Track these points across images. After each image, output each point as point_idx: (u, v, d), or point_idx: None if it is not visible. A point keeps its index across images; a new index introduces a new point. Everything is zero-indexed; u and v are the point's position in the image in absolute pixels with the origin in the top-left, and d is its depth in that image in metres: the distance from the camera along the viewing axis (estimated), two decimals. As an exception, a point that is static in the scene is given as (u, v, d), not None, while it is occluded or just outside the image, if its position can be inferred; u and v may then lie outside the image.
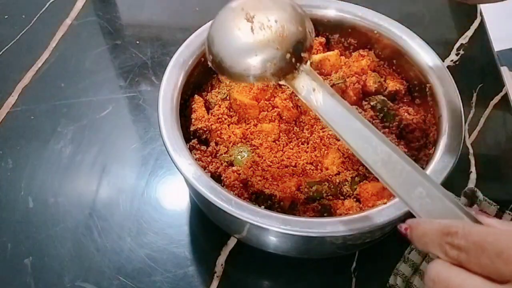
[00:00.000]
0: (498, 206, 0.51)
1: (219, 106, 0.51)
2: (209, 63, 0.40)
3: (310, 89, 0.38)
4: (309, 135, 0.49)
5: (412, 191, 0.32)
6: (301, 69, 0.38)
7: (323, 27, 0.55)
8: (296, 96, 0.50)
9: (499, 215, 0.51)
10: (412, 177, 0.32)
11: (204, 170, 0.45)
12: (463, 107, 0.46)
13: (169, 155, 0.43)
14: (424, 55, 0.50)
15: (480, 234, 0.25)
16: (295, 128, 0.50)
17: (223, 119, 0.50)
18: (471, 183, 0.56)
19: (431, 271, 0.27)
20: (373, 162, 0.34)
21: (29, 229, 0.52)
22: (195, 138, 0.49)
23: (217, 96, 0.52)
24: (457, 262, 0.26)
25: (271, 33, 0.37)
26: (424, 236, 0.28)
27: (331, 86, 0.50)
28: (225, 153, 0.48)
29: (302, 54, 0.38)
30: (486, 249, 0.25)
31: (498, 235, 0.25)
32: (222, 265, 0.50)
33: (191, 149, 0.47)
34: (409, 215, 0.40)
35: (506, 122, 0.63)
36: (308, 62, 0.39)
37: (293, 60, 0.38)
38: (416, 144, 0.49)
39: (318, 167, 0.48)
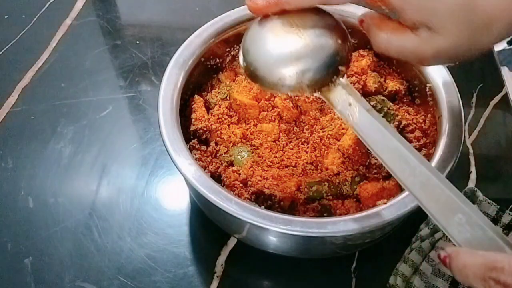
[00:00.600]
0: (498, 206, 0.51)
1: (219, 106, 0.51)
2: (242, 71, 0.39)
3: (346, 103, 0.37)
4: (309, 135, 0.49)
5: (452, 217, 0.30)
6: (338, 82, 0.37)
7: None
8: (296, 96, 0.50)
9: (499, 215, 0.51)
10: (452, 202, 0.31)
11: (204, 170, 0.45)
12: (463, 107, 0.46)
13: (169, 155, 0.43)
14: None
15: None
16: (295, 128, 0.50)
17: (223, 119, 0.50)
18: (471, 183, 0.56)
19: None
20: (411, 184, 0.33)
21: (29, 229, 0.52)
22: (195, 138, 0.49)
23: (217, 96, 0.52)
24: None
25: (309, 45, 0.36)
26: (465, 268, 0.27)
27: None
28: (225, 153, 0.48)
29: (340, 68, 0.37)
30: None
31: None
32: (222, 265, 0.50)
33: (191, 149, 0.47)
34: (408, 215, 0.40)
35: (506, 122, 0.63)
36: (345, 76, 0.38)
37: (330, 73, 0.37)
38: (416, 144, 0.49)
39: (318, 167, 0.48)
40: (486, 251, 0.28)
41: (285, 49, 0.36)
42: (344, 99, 0.37)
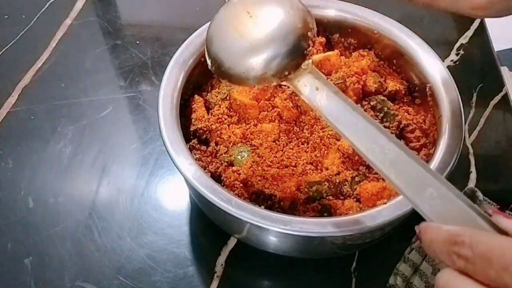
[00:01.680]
0: (498, 206, 0.51)
1: (219, 106, 0.51)
2: (209, 66, 0.39)
3: (313, 88, 0.36)
4: (309, 135, 0.49)
5: (422, 192, 0.30)
6: (304, 67, 0.37)
7: (323, 27, 0.55)
8: (297, 96, 0.50)
9: (499, 215, 0.51)
10: (423, 177, 0.31)
11: (204, 170, 0.45)
12: (463, 107, 0.46)
13: (169, 155, 0.43)
14: (424, 55, 0.50)
15: (487, 245, 0.25)
16: (295, 128, 0.50)
17: (223, 119, 0.50)
18: (471, 183, 0.56)
19: (440, 280, 0.26)
20: (381, 162, 0.33)
21: (29, 229, 0.52)
22: (195, 138, 0.49)
23: (217, 96, 0.52)
24: (465, 271, 0.25)
25: (273, 31, 0.36)
26: (432, 244, 0.27)
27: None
28: (225, 153, 0.48)
29: (305, 51, 0.37)
30: (492, 262, 0.24)
31: (505, 248, 0.24)
32: (222, 265, 0.50)
33: (191, 149, 0.47)
34: (408, 215, 0.40)
35: (506, 122, 0.63)
36: (310, 60, 0.37)
37: (295, 58, 0.36)
38: (416, 144, 0.49)
39: (318, 167, 0.48)
40: (459, 223, 0.28)
41: (244, 42, 0.36)
42: (311, 84, 0.36)
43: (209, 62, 0.39)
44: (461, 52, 0.69)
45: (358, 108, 0.35)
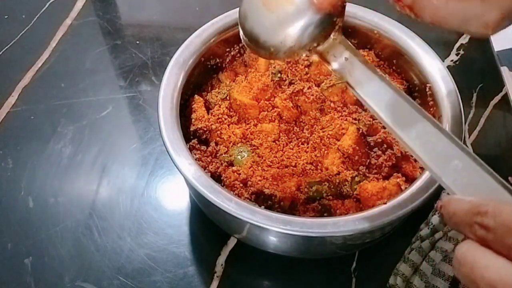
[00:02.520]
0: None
1: (219, 106, 0.51)
2: (243, 41, 0.39)
3: (342, 59, 0.36)
4: (309, 135, 0.49)
5: (447, 164, 0.30)
6: (334, 36, 0.37)
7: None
8: (297, 96, 0.50)
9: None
10: (449, 149, 0.31)
11: (204, 170, 0.45)
12: (463, 107, 0.46)
13: (169, 155, 0.43)
14: (424, 55, 0.50)
15: (510, 214, 0.24)
16: (295, 128, 0.50)
17: (223, 119, 0.50)
18: (471, 183, 0.56)
19: (458, 251, 0.26)
20: (407, 134, 0.32)
21: (29, 229, 0.52)
22: (195, 138, 0.49)
23: (217, 96, 0.52)
24: (484, 242, 0.25)
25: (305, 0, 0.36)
26: (454, 215, 0.27)
27: (331, 86, 0.50)
28: (225, 153, 0.48)
29: (335, 19, 0.37)
30: None
31: None
32: (222, 265, 0.50)
33: (191, 149, 0.47)
34: (408, 215, 0.40)
35: (506, 122, 0.63)
36: (340, 29, 0.37)
37: (327, 26, 0.36)
38: (416, 144, 0.49)
39: (318, 167, 0.48)
40: (483, 196, 0.28)
41: (282, 10, 0.36)
42: (341, 54, 0.37)
43: (245, 38, 0.39)
44: (461, 52, 0.69)
45: (386, 79, 0.35)
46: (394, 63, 0.54)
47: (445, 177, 0.30)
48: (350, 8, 0.54)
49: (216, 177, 0.46)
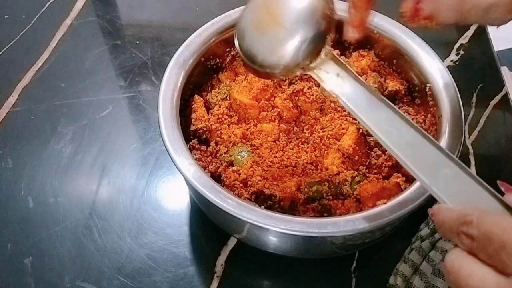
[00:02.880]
0: None
1: (219, 106, 0.51)
2: (241, 60, 0.40)
3: (334, 75, 0.37)
4: (309, 135, 0.49)
5: (437, 173, 0.31)
6: (326, 51, 0.38)
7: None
8: (297, 96, 0.50)
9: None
10: (438, 158, 0.32)
11: (204, 170, 0.45)
12: (463, 107, 0.46)
13: (169, 155, 0.43)
14: (424, 55, 0.50)
15: (491, 224, 0.25)
16: (295, 128, 0.50)
17: (223, 119, 0.50)
18: (471, 183, 0.56)
19: (447, 259, 0.27)
20: (397, 145, 0.33)
21: (29, 229, 0.52)
22: (195, 138, 0.49)
23: (217, 96, 0.52)
24: (471, 251, 0.26)
25: (299, 18, 0.37)
26: (444, 224, 0.28)
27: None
28: (225, 153, 0.48)
29: (327, 36, 0.38)
30: (493, 240, 0.25)
31: (505, 227, 0.25)
32: (222, 265, 0.50)
33: (191, 149, 0.47)
34: (408, 215, 0.40)
35: (506, 122, 0.63)
36: (331, 46, 0.38)
37: (320, 42, 0.37)
38: (416, 144, 0.49)
39: (318, 167, 0.48)
40: (472, 204, 0.29)
41: (278, 29, 0.37)
42: (333, 70, 0.38)
43: (243, 57, 0.40)
44: (461, 52, 0.69)
45: (377, 93, 0.36)
46: (394, 63, 0.54)
47: (435, 186, 0.31)
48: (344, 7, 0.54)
49: (216, 177, 0.46)
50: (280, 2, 0.38)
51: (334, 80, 0.37)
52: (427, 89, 0.49)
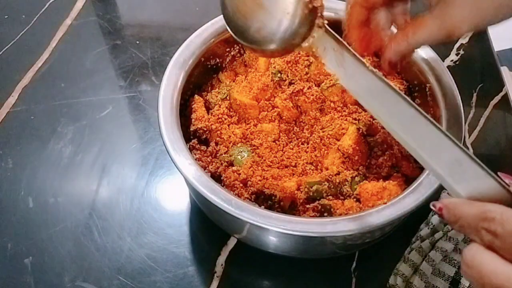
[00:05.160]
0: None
1: (219, 106, 0.51)
2: (233, 36, 0.39)
3: (330, 49, 0.36)
4: (309, 135, 0.49)
5: (451, 165, 0.30)
6: (320, 24, 0.36)
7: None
8: (297, 96, 0.50)
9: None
10: (451, 150, 0.31)
11: (204, 170, 0.45)
12: (463, 107, 0.46)
13: (169, 155, 0.43)
14: (424, 55, 0.50)
15: None
16: (295, 128, 0.50)
17: (223, 119, 0.50)
18: (471, 183, 0.56)
19: (466, 255, 0.27)
20: (411, 136, 0.33)
21: (29, 229, 0.52)
22: (195, 138, 0.49)
23: (217, 96, 0.52)
24: (491, 247, 0.26)
25: None
26: (460, 219, 0.28)
27: (331, 86, 0.50)
28: (225, 153, 0.48)
29: (317, 10, 0.36)
30: None
31: None
32: (222, 265, 0.50)
33: (191, 149, 0.47)
34: (408, 215, 0.40)
35: (506, 122, 0.63)
36: (324, 20, 0.37)
37: (311, 12, 0.36)
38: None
39: (318, 167, 0.48)
40: (486, 198, 0.29)
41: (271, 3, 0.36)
42: (329, 46, 0.36)
43: (232, 32, 0.38)
44: (461, 52, 0.69)
45: (375, 70, 0.35)
46: (394, 63, 0.54)
47: (448, 178, 0.31)
48: (339, 6, 0.54)
49: (216, 177, 0.46)
50: None
51: (332, 55, 0.36)
52: (427, 89, 0.49)
